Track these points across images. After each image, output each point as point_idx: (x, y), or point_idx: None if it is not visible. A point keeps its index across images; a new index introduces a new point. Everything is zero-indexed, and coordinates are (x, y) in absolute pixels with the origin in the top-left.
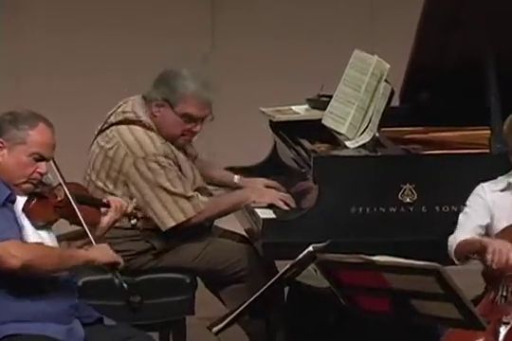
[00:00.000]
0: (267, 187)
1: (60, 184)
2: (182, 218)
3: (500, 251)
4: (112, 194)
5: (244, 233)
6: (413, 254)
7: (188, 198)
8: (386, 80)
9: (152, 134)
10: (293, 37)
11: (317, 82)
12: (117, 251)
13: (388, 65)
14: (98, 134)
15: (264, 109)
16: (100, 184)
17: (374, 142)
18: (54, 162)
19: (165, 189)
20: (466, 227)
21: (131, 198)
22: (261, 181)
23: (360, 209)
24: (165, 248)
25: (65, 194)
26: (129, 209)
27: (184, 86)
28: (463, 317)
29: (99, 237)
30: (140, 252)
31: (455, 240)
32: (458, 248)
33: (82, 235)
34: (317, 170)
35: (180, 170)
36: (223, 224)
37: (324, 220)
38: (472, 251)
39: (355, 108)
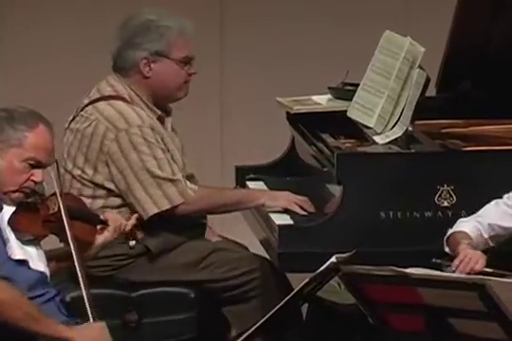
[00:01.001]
0: None
1: (54, 194)
2: (166, 205)
3: (467, 261)
4: (92, 183)
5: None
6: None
7: (173, 181)
8: (420, 67)
9: (136, 108)
10: (312, 19)
11: (341, 69)
12: (106, 256)
13: (422, 49)
14: (69, 125)
15: (280, 99)
16: (78, 172)
17: (407, 137)
18: (57, 168)
19: (148, 171)
20: (484, 220)
21: (114, 184)
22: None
23: (391, 214)
24: (162, 252)
25: (59, 207)
26: (128, 227)
27: (166, 29)
28: (509, 339)
29: (89, 256)
30: (134, 256)
31: (458, 226)
32: (449, 239)
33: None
34: (341, 170)
35: (168, 150)
36: (232, 236)
37: (349, 226)
38: (451, 250)
39: (384, 98)
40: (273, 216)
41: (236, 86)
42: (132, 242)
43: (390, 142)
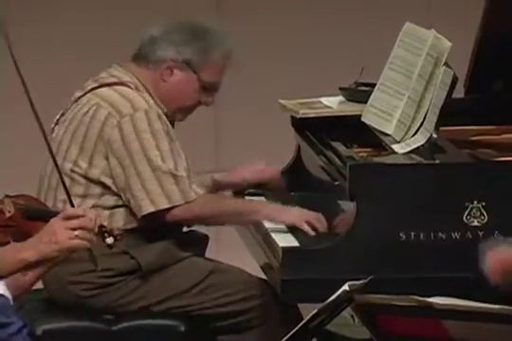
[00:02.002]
0: None
1: (6, 196)
2: (164, 204)
3: None
4: (85, 178)
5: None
6: (482, 294)
7: (176, 177)
8: (446, 64)
9: (144, 94)
10: (319, 10)
11: (354, 67)
12: (88, 271)
13: (449, 44)
14: (57, 122)
15: (283, 102)
16: (69, 165)
17: (431, 146)
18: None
19: (149, 161)
20: None
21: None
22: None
23: (412, 235)
24: (153, 270)
25: (17, 208)
26: (98, 221)
27: (215, 46)
28: None
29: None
30: (123, 273)
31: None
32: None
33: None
34: (354, 183)
35: (174, 144)
36: (229, 260)
37: (364, 249)
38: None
39: (404, 100)
40: (275, 236)
41: (231, 87)
42: (109, 239)
43: (411, 151)
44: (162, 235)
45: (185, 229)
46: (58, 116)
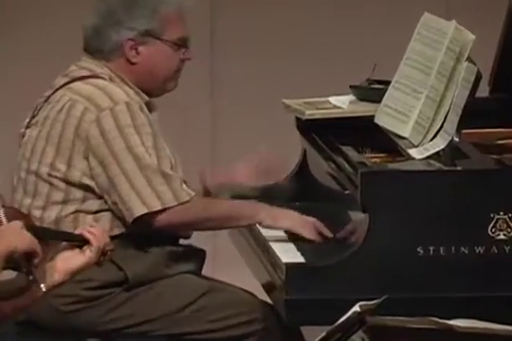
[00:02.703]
0: None
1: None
2: (157, 205)
3: None
4: (65, 182)
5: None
6: (508, 316)
7: (165, 176)
8: (469, 59)
9: (122, 85)
10: (328, 2)
11: (366, 62)
12: (78, 281)
13: (472, 36)
14: (27, 126)
15: (287, 101)
16: (45, 169)
17: (452, 150)
18: None
19: (136, 158)
20: None
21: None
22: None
23: (431, 250)
24: (140, 282)
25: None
26: (111, 245)
27: (161, 3)
28: None
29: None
30: (108, 285)
31: None
32: None
33: (21, 290)
34: (367, 193)
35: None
36: (226, 278)
37: (377, 266)
38: None
39: (422, 100)
40: (276, 248)
41: (230, 86)
42: (101, 258)
43: (430, 157)
44: (153, 242)
45: (181, 241)
46: (28, 120)
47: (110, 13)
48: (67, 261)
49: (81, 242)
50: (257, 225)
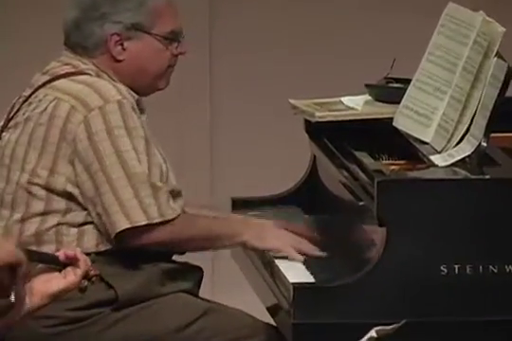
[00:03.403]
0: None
1: None
2: (142, 219)
3: None
4: (47, 190)
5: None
6: None
7: (154, 189)
8: (499, 54)
9: (113, 81)
10: None
11: (383, 59)
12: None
13: (502, 29)
14: (2, 130)
15: (295, 102)
16: (25, 177)
17: (480, 157)
18: None
19: (124, 165)
20: None
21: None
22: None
23: (456, 269)
24: (131, 301)
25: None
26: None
27: None
28: None
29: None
30: (95, 304)
31: None
32: None
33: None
34: (384, 204)
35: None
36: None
37: (396, 286)
38: None
39: (446, 100)
40: (282, 267)
41: (230, 85)
42: (83, 282)
43: (455, 164)
44: (145, 258)
45: (176, 258)
46: (3, 122)
47: (93, 5)
48: (46, 284)
49: (60, 265)
50: None
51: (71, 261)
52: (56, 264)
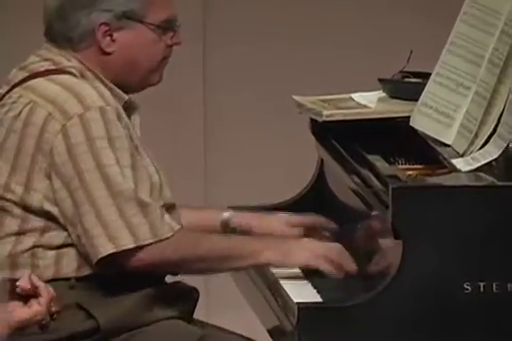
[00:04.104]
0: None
1: None
2: (128, 243)
3: None
4: (22, 207)
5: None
6: None
7: (143, 206)
8: None
9: (95, 83)
10: None
11: (399, 49)
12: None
13: None
14: None
15: (299, 99)
16: None
17: (508, 160)
18: None
19: (107, 181)
20: None
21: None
22: (281, 221)
23: (481, 287)
24: (115, 331)
25: None
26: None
27: None
28: None
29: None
30: (75, 336)
31: None
32: None
33: None
34: (400, 213)
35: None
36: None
37: (413, 306)
38: None
39: (470, 97)
40: (287, 286)
41: (226, 80)
42: (46, 320)
43: (479, 169)
44: (131, 281)
45: (168, 278)
46: None
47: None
48: (10, 314)
49: (22, 296)
50: None
51: (31, 292)
52: (18, 296)
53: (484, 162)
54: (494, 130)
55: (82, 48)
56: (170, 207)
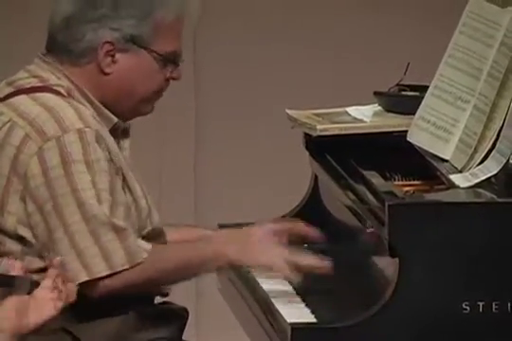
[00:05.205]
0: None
1: None
2: (102, 270)
3: None
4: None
5: None
6: None
7: (118, 231)
8: None
9: (77, 104)
10: None
11: (395, 62)
12: None
13: None
14: None
15: (292, 112)
16: None
17: (508, 176)
18: None
19: (80, 205)
20: None
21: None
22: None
23: (480, 307)
24: None
25: None
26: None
27: (163, 5)
28: None
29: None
30: None
31: None
32: None
33: None
34: (396, 231)
35: (124, 179)
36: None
37: (410, 327)
38: None
39: (469, 111)
40: (280, 305)
41: (218, 96)
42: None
43: (479, 185)
44: (118, 303)
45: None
46: None
47: (93, 3)
48: (21, 318)
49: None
50: (254, 276)
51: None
52: (10, 285)
53: (483, 178)
54: (493, 145)
55: (81, 64)
56: (159, 234)
